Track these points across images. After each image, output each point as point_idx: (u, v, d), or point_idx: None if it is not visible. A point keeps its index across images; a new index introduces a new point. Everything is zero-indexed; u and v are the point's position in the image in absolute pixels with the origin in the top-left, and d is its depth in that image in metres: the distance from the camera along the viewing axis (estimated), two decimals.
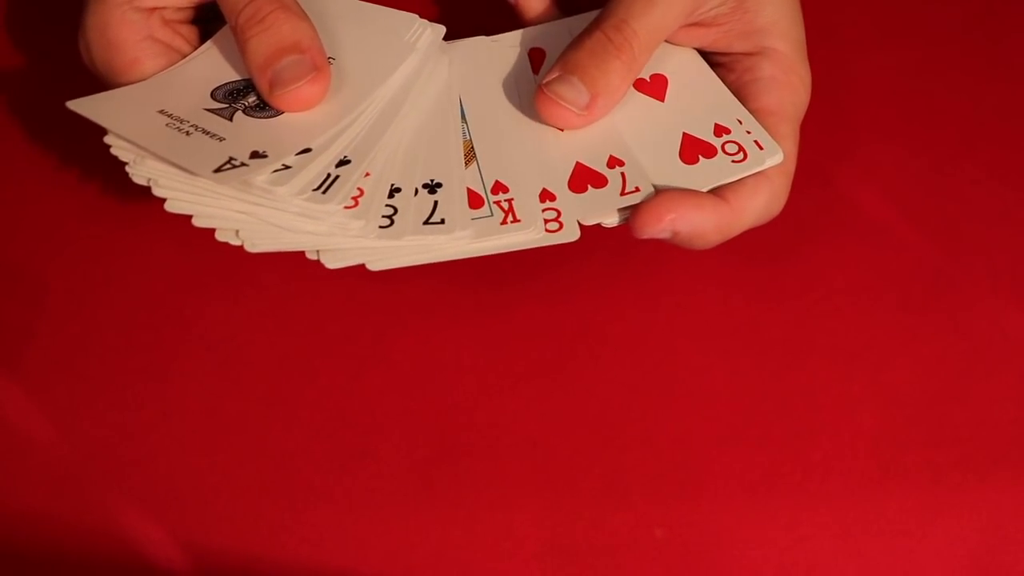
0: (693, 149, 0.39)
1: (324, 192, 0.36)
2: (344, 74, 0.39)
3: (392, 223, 0.37)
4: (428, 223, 0.37)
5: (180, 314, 0.44)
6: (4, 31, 0.49)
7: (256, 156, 0.36)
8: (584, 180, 0.39)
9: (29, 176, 0.46)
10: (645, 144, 0.40)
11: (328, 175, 0.37)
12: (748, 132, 0.39)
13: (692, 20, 0.40)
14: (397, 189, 0.38)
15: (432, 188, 0.38)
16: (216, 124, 0.38)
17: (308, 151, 0.37)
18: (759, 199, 0.38)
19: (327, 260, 0.37)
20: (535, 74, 0.42)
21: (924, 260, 0.45)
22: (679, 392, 0.43)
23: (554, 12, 0.43)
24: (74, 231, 0.45)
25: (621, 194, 0.38)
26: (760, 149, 0.39)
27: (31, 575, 0.40)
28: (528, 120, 0.40)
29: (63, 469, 0.41)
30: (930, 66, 0.49)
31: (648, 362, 0.43)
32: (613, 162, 0.39)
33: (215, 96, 0.39)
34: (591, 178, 0.39)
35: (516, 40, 0.43)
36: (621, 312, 0.44)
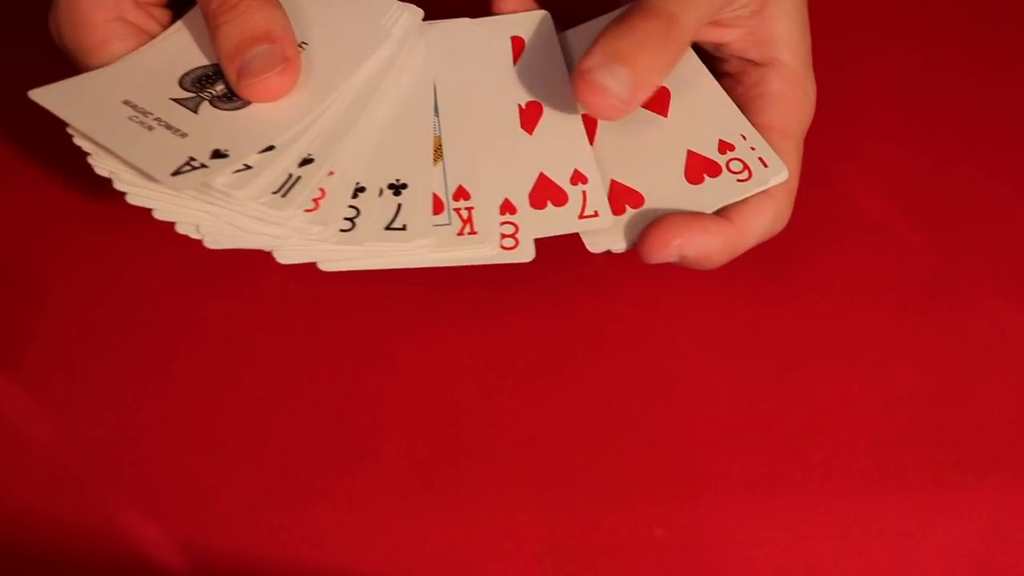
0: (698, 168, 0.39)
1: (284, 195, 0.35)
2: (315, 62, 0.38)
3: (353, 227, 0.36)
4: (390, 228, 0.37)
5: (180, 314, 0.44)
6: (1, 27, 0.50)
7: (217, 155, 0.36)
8: (545, 195, 0.38)
9: (29, 176, 0.46)
10: (649, 162, 0.39)
11: (289, 176, 0.36)
12: (752, 148, 0.39)
13: (717, 17, 0.39)
14: (361, 188, 0.37)
15: (397, 189, 0.37)
16: (181, 117, 0.37)
17: (271, 148, 0.36)
18: (764, 218, 0.38)
19: (279, 256, 0.36)
20: (515, 63, 0.41)
21: (924, 260, 0.45)
22: (679, 392, 0.43)
23: (531, 4, 0.42)
24: (74, 231, 0.45)
25: (580, 216, 0.38)
26: (765, 167, 0.38)
27: (31, 575, 0.40)
28: (500, 116, 0.40)
29: (63, 469, 0.41)
30: (930, 66, 0.49)
31: (648, 362, 0.43)
32: (577, 178, 0.39)
33: (183, 83, 0.38)
34: (552, 193, 0.38)
35: (499, 25, 0.42)
36: (621, 312, 0.44)
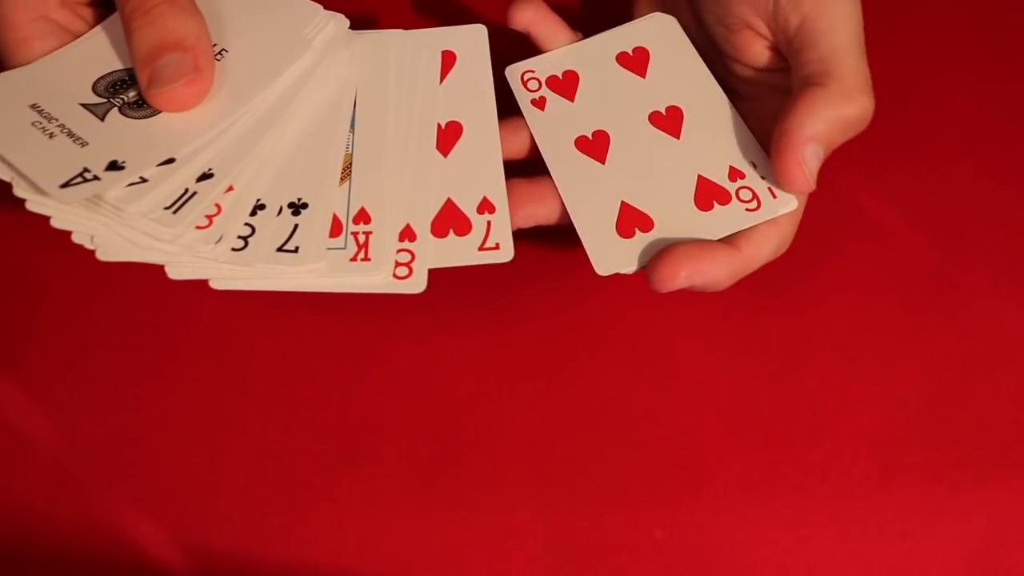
0: (708, 195, 0.39)
1: (175, 212, 0.35)
2: (232, 72, 0.37)
3: (246, 246, 0.36)
4: (282, 250, 0.36)
5: (180, 314, 0.44)
6: None
7: (113, 167, 0.35)
8: (449, 223, 0.38)
9: None
10: (660, 185, 0.39)
11: (185, 191, 0.35)
12: (763, 178, 0.39)
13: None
14: (261, 206, 0.37)
15: (297, 208, 0.37)
16: (85, 125, 0.36)
17: (172, 161, 0.35)
18: (770, 245, 0.39)
19: (171, 272, 0.36)
20: (442, 80, 0.40)
21: (924, 260, 0.45)
22: (679, 392, 0.43)
23: (557, 19, 0.42)
24: None
25: (480, 248, 0.38)
26: (773, 198, 0.39)
27: (31, 575, 0.40)
28: (417, 135, 0.39)
29: (63, 469, 0.41)
30: (930, 66, 0.49)
31: (648, 362, 0.43)
32: (484, 206, 0.38)
33: (96, 88, 0.37)
34: (456, 222, 0.38)
35: (431, 38, 0.41)
36: (621, 312, 0.44)
